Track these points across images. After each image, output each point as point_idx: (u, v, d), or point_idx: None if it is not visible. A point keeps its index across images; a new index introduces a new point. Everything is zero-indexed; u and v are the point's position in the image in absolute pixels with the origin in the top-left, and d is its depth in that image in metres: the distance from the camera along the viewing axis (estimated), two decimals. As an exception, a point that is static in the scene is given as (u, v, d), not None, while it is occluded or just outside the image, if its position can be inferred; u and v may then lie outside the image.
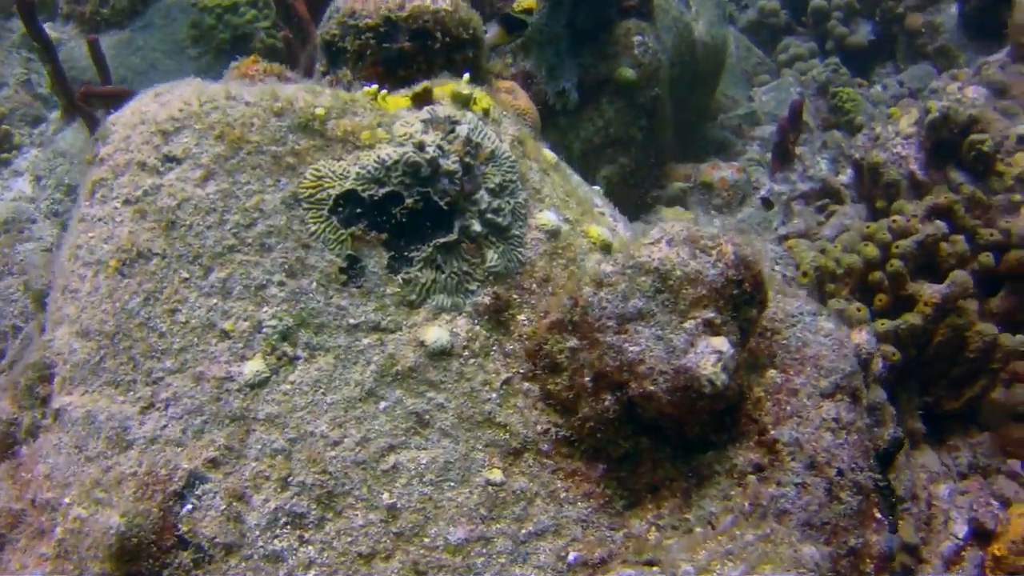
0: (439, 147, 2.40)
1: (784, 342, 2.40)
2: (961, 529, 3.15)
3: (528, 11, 4.11)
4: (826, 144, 6.57)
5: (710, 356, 2.13)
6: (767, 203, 4.23)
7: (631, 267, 2.25)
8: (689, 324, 2.17)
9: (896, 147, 4.69)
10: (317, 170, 2.40)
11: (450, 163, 2.40)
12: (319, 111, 2.45)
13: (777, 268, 4.14)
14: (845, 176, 6.17)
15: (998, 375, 3.54)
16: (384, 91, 2.58)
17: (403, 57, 2.83)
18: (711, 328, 2.17)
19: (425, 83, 2.57)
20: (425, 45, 2.83)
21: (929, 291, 3.42)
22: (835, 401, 2.31)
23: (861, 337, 2.50)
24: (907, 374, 3.41)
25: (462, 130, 2.46)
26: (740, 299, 2.23)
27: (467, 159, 2.44)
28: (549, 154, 2.89)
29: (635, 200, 5.06)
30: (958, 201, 3.83)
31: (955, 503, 3.23)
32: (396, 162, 2.37)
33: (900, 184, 4.62)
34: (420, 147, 2.39)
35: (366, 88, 2.56)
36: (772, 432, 2.28)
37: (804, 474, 2.23)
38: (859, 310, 3.39)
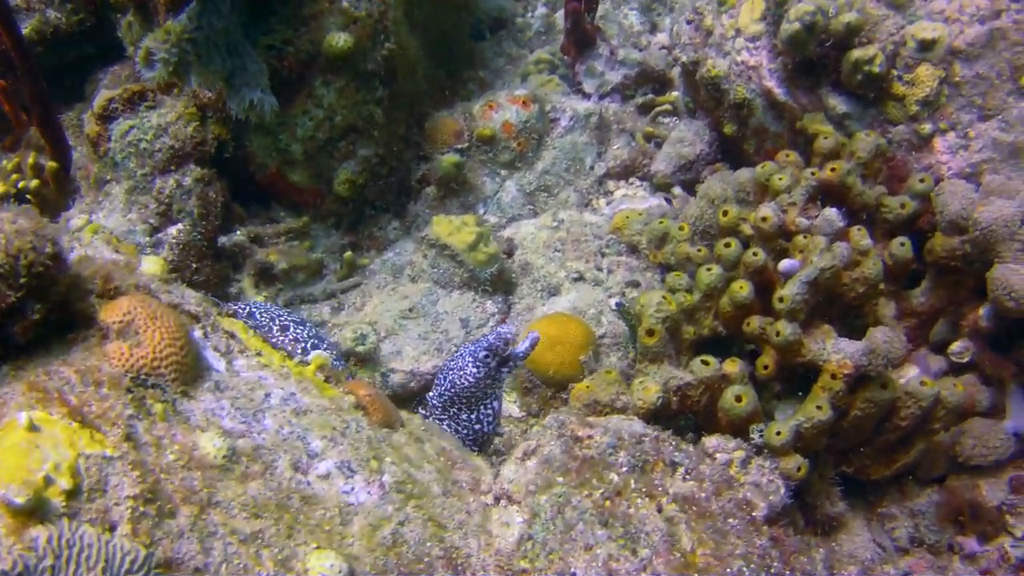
0: None
1: None
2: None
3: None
4: None
5: None
6: (621, 309, 3.12)
7: None
8: None
9: (740, 53, 3.50)
10: None
11: None
12: None
13: (610, 310, 3.19)
14: (663, 30, 5.05)
15: (940, 432, 2.70)
16: None
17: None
18: None
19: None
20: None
21: (837, 357, 2.41)
22: None
23: None
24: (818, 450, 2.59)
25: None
26: None
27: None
28: (209, 448, 1.79)
29: (396, 190, 3.88)
30: (851, 171, 2.77)
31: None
32: None
33: (754, 104, 3.52)
34: None
35: None
36: None
37: None
38: (739, 400, 2.44)
